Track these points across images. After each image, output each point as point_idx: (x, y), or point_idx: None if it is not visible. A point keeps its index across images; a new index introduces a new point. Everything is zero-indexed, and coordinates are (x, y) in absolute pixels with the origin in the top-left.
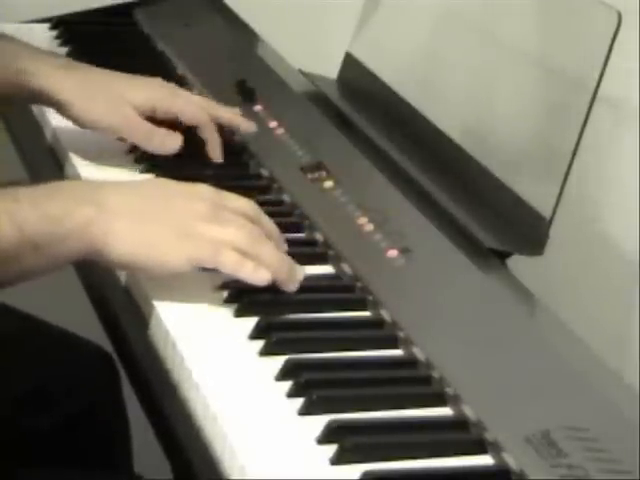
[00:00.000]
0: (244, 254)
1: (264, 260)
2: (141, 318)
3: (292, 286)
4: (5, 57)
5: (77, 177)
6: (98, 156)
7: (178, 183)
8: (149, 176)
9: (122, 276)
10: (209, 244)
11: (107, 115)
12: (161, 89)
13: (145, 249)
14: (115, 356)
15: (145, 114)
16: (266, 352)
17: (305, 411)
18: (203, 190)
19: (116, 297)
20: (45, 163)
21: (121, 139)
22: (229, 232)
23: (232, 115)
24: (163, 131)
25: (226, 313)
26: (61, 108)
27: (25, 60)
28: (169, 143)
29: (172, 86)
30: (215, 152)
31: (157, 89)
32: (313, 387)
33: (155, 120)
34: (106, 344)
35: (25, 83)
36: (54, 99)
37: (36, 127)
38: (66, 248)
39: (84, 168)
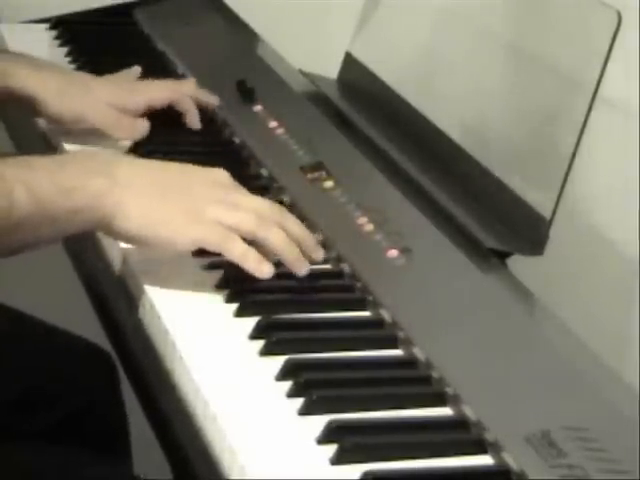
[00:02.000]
0: (253, 236)
1: (272, 242)
2: (140, 317)
3: (299, 269)
4: None
5: None
6: None
7: (195, 167)
8: None
9: (121, 275)
10: (217, 229)
11: (78, 107)
12: (126, 84)
13: (153, 225)
14: (114, 355)
15: (115, 108)
16: (266, 352)
17: (305, 411)
18: (219, 174)
19: (115, 296)
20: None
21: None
22: (238, 215)
23: (196, 90)
24: (131, 118)
25: (226, 313)
26: (35, 105)
27: (1, 62)
28: (138, 127)
29: (137, 82)
30: (193, 121)
31: (123, 84)
32: (313, 387)
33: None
34: (105, 343)
35: (1, 83)
36: (28, 95)
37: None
38: (79, 219)
39: None
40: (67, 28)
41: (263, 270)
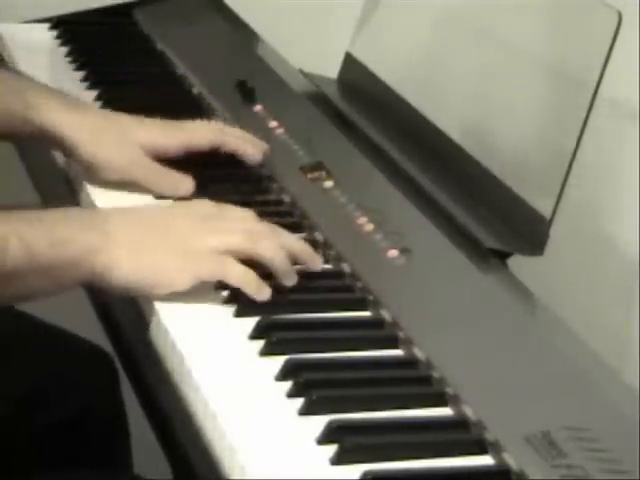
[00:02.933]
0: (245, 253)
1: (264, 255)
2: (141, 318)
3: (289, 280)
4: (13, 93)
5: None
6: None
7: (179, 205)
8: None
9: None
10: (211, 259)
11: (116, 158)
12: (165, 125)
13: (148, 277)
14: (115, 356)
15: (152, 153)
16: (266, 352)
17: (305, 411)
18: (200, 205)
19: (115, 296)
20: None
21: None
22: (226, 238)
23: (240, 141)
24: (175, 174)
25: (226, 313)
26: (66, 147)
27: (32, 96)
28: (183, 186)
29: (176, 122)
30: (250, 156)
31: (161, 126)
32: (313, 387)
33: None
34: (106, 344)
35: (30, 118)
36: (59, 136)
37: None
38: (71, 272)
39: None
40: (67, 28)
41: (262, 296)
